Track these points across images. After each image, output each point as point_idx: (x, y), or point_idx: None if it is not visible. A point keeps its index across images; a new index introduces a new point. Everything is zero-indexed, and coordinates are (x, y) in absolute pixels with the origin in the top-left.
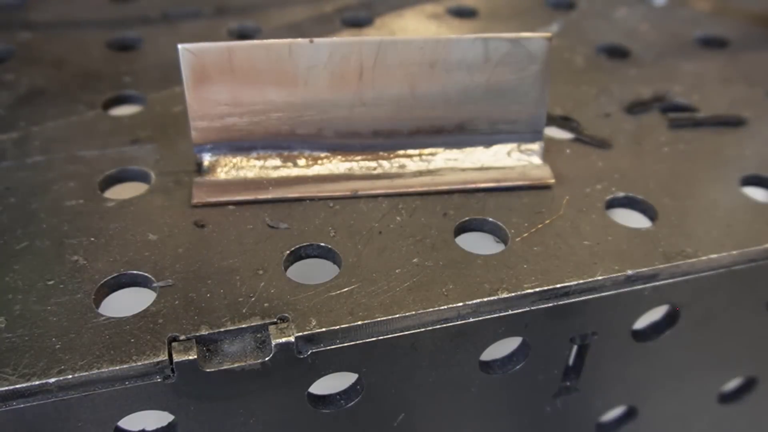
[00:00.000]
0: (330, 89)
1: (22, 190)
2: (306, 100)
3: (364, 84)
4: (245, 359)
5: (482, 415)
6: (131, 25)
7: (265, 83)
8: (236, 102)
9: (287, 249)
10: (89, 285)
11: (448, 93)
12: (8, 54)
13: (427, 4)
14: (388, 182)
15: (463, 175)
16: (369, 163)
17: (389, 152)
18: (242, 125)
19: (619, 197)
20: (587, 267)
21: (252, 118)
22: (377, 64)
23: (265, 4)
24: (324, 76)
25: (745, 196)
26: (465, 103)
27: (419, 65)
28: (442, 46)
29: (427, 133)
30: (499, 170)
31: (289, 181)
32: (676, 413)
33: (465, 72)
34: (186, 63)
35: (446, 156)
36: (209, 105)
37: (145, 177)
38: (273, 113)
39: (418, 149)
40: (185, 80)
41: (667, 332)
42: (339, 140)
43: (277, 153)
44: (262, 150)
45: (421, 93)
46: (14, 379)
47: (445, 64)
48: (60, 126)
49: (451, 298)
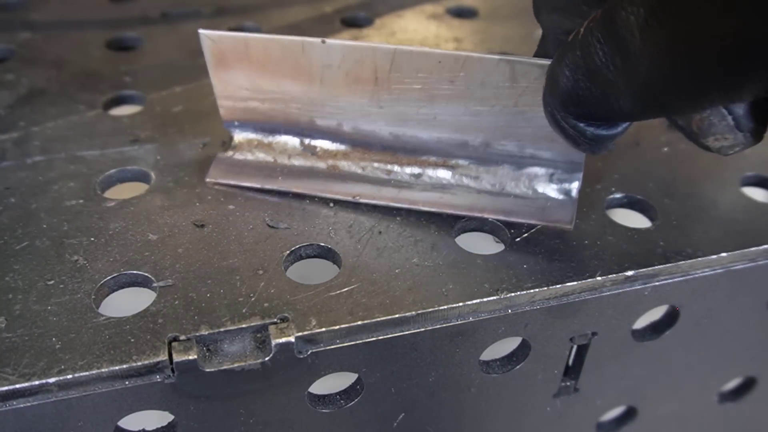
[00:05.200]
0: (346, 89)
1: (22, 190)
2: (323, 96)
3: (380, 88)
4: (245, 359)
5: (482, 415)
6: (131, 25)
7: (282, 75)
8: (256, 88)
9: (287, 249)
10: (89, 285)
11: (470, 110)
12: (8, 54)
13: (427, 5)
14: (394, 192)
15: (474, 198)
16: (385, 166)
17: (409, 156)
18: (264, 110)
19: (619, 197)
20: (587, 267)
21: (272, 105)
22: (393, 70)
23: (264, 4)
24: (339, 76)
25: (745, 196)
26: (491, 122)
27: (438, 79)
28: (462, 62)
29: (450, 145)
30: (516, 200)
31: (300, 172)
32: (676, 413)
33: (489, 92)
34: (206, 48)
35: (467, 171)
36: (232, 88)
37: (145, 177)
38: (292, 103)
39: (440, 158)
40: (207, 63)
41: (667, 332)
42: (359, 137)
43: (299, 139)
44: (285, 134)
45: (441, 106)
46: (14, 379)
47: (465, 81)
48: (60, 126)
49: (451, 298)
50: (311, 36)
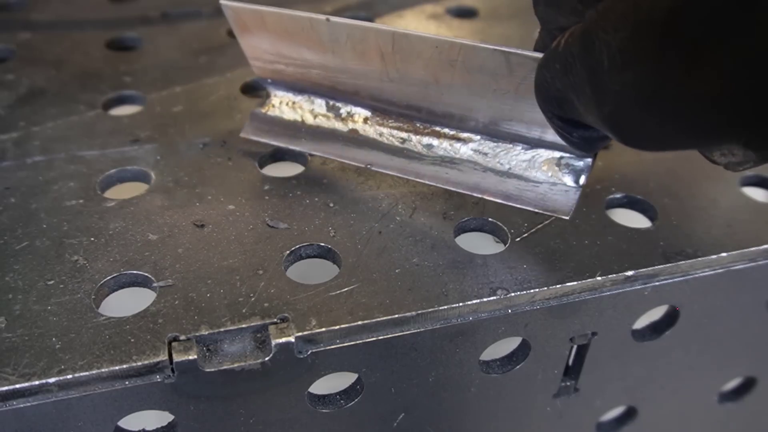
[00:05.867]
0: (356, 62)
1: (22, 190)
2: (337, 65)
3: (387, 64)
4: (245, 359)
5: (482, 415)
6: (131, 25)
7: (299, 44)
8: (279, 54)
9: (287, 249)
10: (89, 285)
11: (474, 90)
12: (8, 54)
13: (427, 5)
14: (404, 163)
15: (479, 178)
16: (401, 134)
17: (425, 125)
18: (290, 72)
19: (619, 197)
20: (587, 267)
21: (296, 69)
22: (395, 50)
23: (264, 5)
24: (347, 49)
25: (745, 196)
26: (495, 103)
27: (438, 61)
28: (458, 49)
29: (460, 119)
30: (520, 183)
31: (322, 135)
32: (676, 413)
33: (488, 77)
34: (230, 17)
35: (479, 146)
36: (258, 51)
37: (145, 177)
38: (312, 69)
39: (453, 130)
40: (233, 29)
41: (667, 332)
42: (376, 103)
43: (325, 101)
44: (312, 94)
45: (446, 84)
46: (14, 379)
47: (464, 66)
48: (60, 126)
49: (451, 298)
50: None
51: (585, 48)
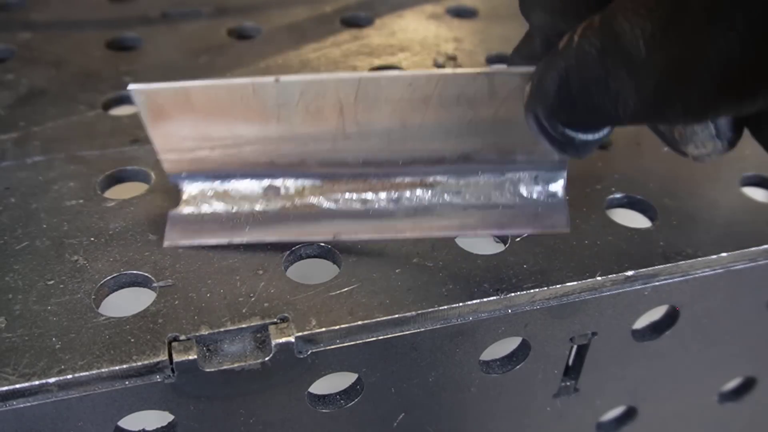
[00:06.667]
0: (307, 125)
1: (22, 190)
2: (281, 134)
3: (346, 119)
4: (245, 359)
5: (482, 415)
6: (131, 25)
7: (233, 119)
8: (203, 137)
9: (287, 249)
10: (89, 285)
11: (446, 126)
12: (8, 54)
13: (427, 5)
14: (376, 224)
15: (462, 217)
16: (359, 195)
17: (382, 181)
18: (215, 157)
19: (619, 197)
20: (587, 267)
21: (224, 151)
22: (358, 100)
23: (265, 4)
24: (298, 112)
25: (745, 196)
26: (468, 135)
27: (410, 101)
28: (435, 81)
29: (425, 163)
30: (506, 210)
31: (269, 219)
32: (676, 413)
33: (465, 107)
34: (140, 103)
35: (447, 187)
36: (175, 140)
37: (145, 177)
38: (246, 146)
39: (416, 177)
40: (143, 118)
41: (667, 332)
42: (324, 170)
43: (258, 182)
44: (241, 178)
45: (414, 126)
46: (14, 379)
47: (440, 100)
48: (60, 126)
49: (451, 298)
50: (310, 38)
51: (614, 36)
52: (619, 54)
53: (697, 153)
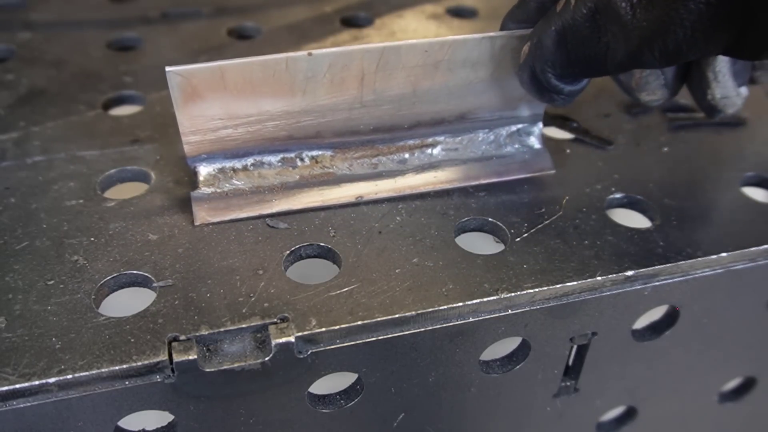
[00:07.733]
0: (329, 96)
1: (22, 190)
2: (303, 107)
3: (365, 88)
4: (245, 359)
5: (482, 415)
6: (131, 25)
7: (261, 96)
8: (230, 115)
9: (287, 249)
10: (89, 285)
11: (450, 88)
12: (8, 54)
13: (427, 5)
14: (391, 183)
15: (465, 169)
16: (369, 160)
17: (389, 146)
18: (237, 135)
19: (619, 197)
20: (587, 267)
21: (248, 128)
22: (379, 68)
23: (264, 4)
24: (323, 84)
25: (745, 196)
26: (467, 96)
27: (423, 67)
28: (448, 47)
29: (427, 125)
30: (500, 160)
31: (291, 187)
32: (676, 413)
33: (469, 69)
34: (175, 85)
35: (447, 146)
36: (201, 121)
37: (145, 177)
38: (269, 122)
39: (418, 139)
40: (174, 101)
41: (667, 332)
42: (338, 139)
43: (275, 157)
44: (258, 155)
45: (422, 90)
46: (14, 379)
47: (449, 64)
48: (60, 126)
49: (451, 298)
50: (310, 37)
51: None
52: (610, 13)
53: (647, 99)
